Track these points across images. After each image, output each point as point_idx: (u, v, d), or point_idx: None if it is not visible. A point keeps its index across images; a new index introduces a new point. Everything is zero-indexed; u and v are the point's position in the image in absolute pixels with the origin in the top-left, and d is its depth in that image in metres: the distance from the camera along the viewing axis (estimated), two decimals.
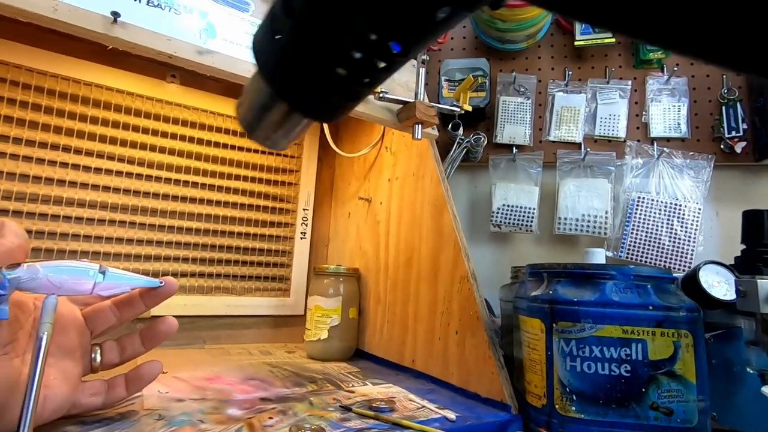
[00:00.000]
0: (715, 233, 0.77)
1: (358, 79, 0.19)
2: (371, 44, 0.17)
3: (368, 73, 0.18)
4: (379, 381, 0.54)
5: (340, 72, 0.18)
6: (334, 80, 0.18)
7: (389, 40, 0.17)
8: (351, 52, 0.17)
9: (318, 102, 0.20)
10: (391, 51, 0.17)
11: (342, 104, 0.20)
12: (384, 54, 0.17)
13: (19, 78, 0.57)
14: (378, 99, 0.55)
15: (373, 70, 0.18)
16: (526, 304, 0.46)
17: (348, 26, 0.17)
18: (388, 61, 0.18)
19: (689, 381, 0.39)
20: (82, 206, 0.61)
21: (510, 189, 0.83)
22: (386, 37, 0.17)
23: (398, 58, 0.18)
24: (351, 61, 0.17)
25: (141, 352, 0.39)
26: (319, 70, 0.18)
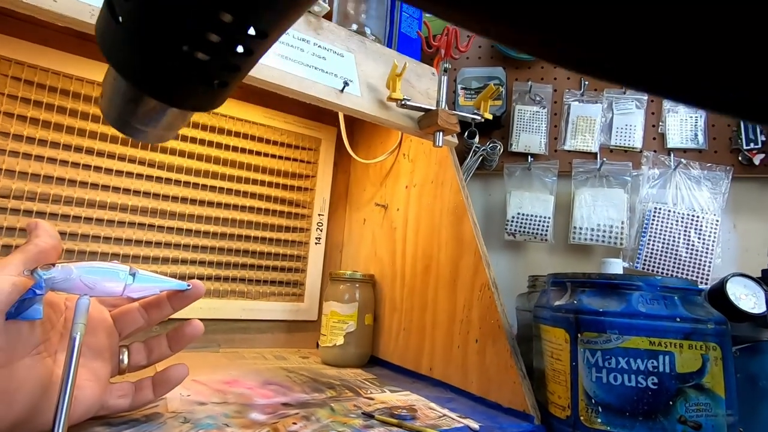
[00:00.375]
0: (733, 245, 0.76)
1: (222, 64, 0.17)
2: (229, 26, 0.16)
3: (229, 58, 0.17)
4: (396, 388, 0.54)
5: (200, 57, 0.17)
6: (195, 66, 0.17)
7: (245, 22, 0.16)
8: (206, 35, 0.16)
9: (182, 90, 0.18)
10: (251, 34, 0.17)
11: (209, 92, 0.19)
12: (243, 36, 0.16)
13: (46, 81, 0.58)
14: (399, 106, 0.55)
15: (234, 55, 0.17)
16: (549, 314, 0.46)
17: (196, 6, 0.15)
18: (249, 44, 0.17)
19: (718, 395, 0.38)
20: (102, 208, 0.62)
21: (525, 197, 0.83)
22: (241, 18, 0.16)
23: (259, 40, 0.17)
24: (208, 45, 0.16)
25: (167, 355, 0.39)
26: (175, 56, 0.17)
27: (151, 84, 0.18)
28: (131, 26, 0.17)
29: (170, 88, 0.18)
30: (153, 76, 0.17)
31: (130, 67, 0.18)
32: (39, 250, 0.31)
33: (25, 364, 0.29)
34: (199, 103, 0.20)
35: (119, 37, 0.17)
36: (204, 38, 0.16)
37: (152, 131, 0.22)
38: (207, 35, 0.16)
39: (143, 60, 0.17)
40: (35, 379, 0.30)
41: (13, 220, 0.55)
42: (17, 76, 0.56)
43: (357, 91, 0.53)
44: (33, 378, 0.30)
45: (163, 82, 0.18)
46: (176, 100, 0.19)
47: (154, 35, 0.16)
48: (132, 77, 0.18)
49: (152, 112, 0.20)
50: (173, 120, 0.21)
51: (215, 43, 0.16)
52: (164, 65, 0.17)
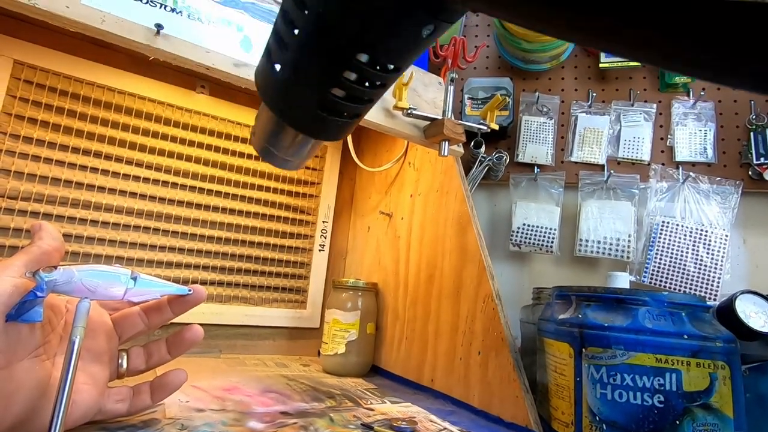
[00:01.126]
0: (743, 261, 0.75)
1: (356, 99, 0.19)
2: (365, 65, 0.18)
3: (365, 92, 0.19)
4: (397, 399, 0.53)
5: (337, 94, 0.19)
6: (333, 102, 0.19)
7: (382, 61, 0.18)
8: (345, 75, 0.18)
9: (321, 123, 0.20)
10: (386, 69, 0.18)
11: (344, 123, 0.21)
12: (379, 73, 0.18)
13: (57, 85, 0.59)
14: (406, 115, 0.55)
15: (369, 89, 0.19)
16: (553, 327, 0.45)
17: (340, 51, 0.17)
18: (383, 79, 0.19)
19: (726, 415, 0.37)
20: (108, 211, 0.62)
21: (531, 208, 0.83)
22: (379, 58, 0.18)
23: (392, 74, 0.19)
24: (346, 82, 0.18)
25: (167, 360, 0.39)
26: (317, 95, 0.19)
27: (298, 119, 0.21)
28: (290, 72, 0.19)
29: (318, 124, 0.20)
30: (306, 115, 0.20)
31: (283, 105, 0.21)
32: (42, 252, 0.31)
33: (23, 367, 0.29)
34: (335, 134, 0.22)
35: (275, 79, 0.20)
36: (351, 80, 0.18)
37: (294, 160, 0.25)
38: (354, 78, 0.18)
39: (295, 98, 0.20)
40: (34, 381, 0.30)
41: (20, 222, 0.56)
42: (29, 80, 0.57)
43: None
44: (31, 380, 0.30)
45: (313, 120, 0.20)
46: (317, 132, 0.21)
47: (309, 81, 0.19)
48: (282, 113, 0.21)
49: (294, 143, 0.23)
50: (311, 149, 0.24)
51: (360, 84, 0.19)
52: (317, 105, 0.19)
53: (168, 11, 0.42)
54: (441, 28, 0.17)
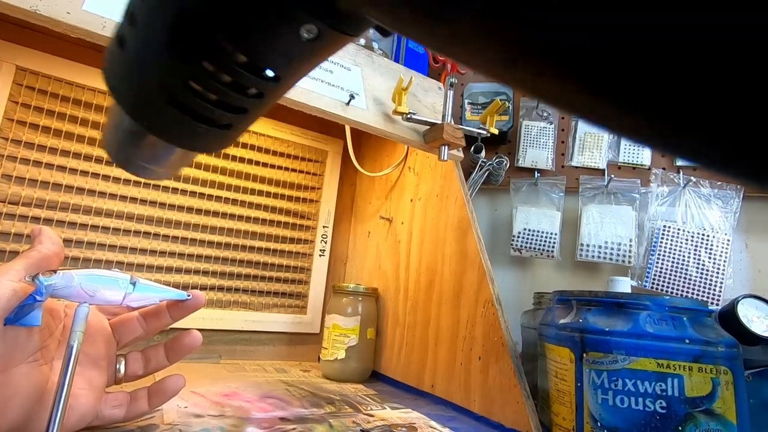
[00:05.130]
0: (745, 265, 0.74)
1: (224, 105, 0.16)
2: (233, 61, 0.15)
3: (235, 98, 0.16)
4: (397, 405, 0.53)
5: (194, 88, 0.15)
6: (188, 98, 0.16)
7: (256, 61, 0.15)
8: (218, 73, 0.15)
9: (175, 124, 0.17)
10: (261, 74, 0.15)
11: (209, 132, 0.17)
12: (251, 76, 0.15)
13: (60, 91, 0.59)
14: (405, 120, 0.55)
15: (241, 94, 0.16)
16: (554, 332, 0.45)
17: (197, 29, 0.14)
18: (259, 86, 0.16)
19: (729, 421, 0.37)
20: (109, 216, 0.62)
21: (531, 213, 0.83)
22: (251, 55, 0.15)
23: (270, 83, 0.16)
24: (218, 83, 0.15)
25: (165, 365, 0.39)
26: (166, 82, 0.15)
27: (152, 118, 0.17)
28: (136, 52, 0.16)
29: (172, 125, 0.17)
30: (154, 110, 0.16)
31: (131, 99, 0.17)
32: (41, 257, 0.31)
33: (21, 371, 0.29)
34: (201, 143, 0.18)
35: (123, 64, 0.16)
36: (215, 76, 0.15)
37: (155, 169, 0.20)
38: (218, 73, 0.15)
39: (145, 92, 0.16)
40: (31, 386, 0.30)
41: (21, 227, 0.56)
42: (31, 86, 0.58)
43: (363, 104, 0.53)
44: (29, 385, 0.29)
45: (165, 118, 0.16)
46: (177, 138, 0.18)
47: (160, 64, 0.15)
48: (131, 109, 0.17)
49: (153, 149, 0.19)
50: (176, 158, 0.20)
51: (226, 83, 0.15)
52: (168, 99, 0.16)
53: None
54: (329, 37, 0.14)
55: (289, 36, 0.14)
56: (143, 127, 0.17)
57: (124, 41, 0.16)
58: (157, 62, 0.15)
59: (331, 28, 0.14)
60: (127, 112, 0.17)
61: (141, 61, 0.15)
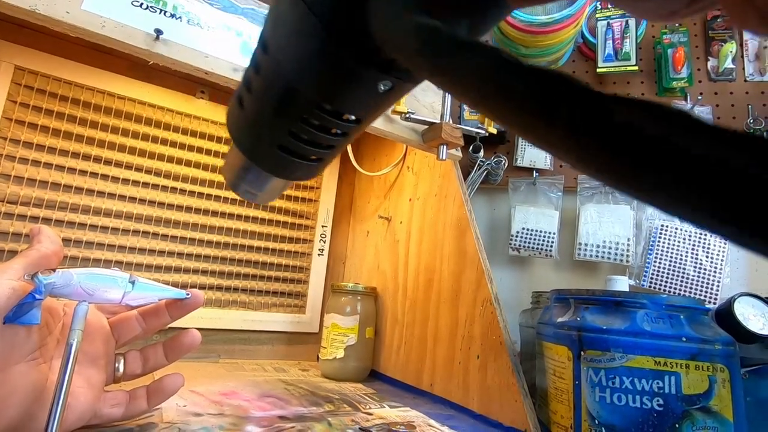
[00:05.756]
0: (742, 264, 0.75)
1: (316, 144, 0.20)
2: (325, 113, 0.18)
3: (324, 138, 0.20)
4: (396, 404, 0.53)
5: (295, 137, 0.20)
6: (292, 144, 0.20)
7: (339, 111, 0.18)
8: (303, 119, 0.19)
9: (283, 163, 0.21)
10: (343, 119, 0.19)
11: (307, 165, 0.22)
12: (336, 121, 0.19)
13: (58, 90, 0.59)
14: (403, 119, 0.55)
15: (328, 135, 0.20)
16: (552, 331, 0.45)
17: (294, 96, 0.18)
18: (342, 128, 0.19)
19: (726, 418, 0.37)
20: (108, 216, 0.62)
21: (530, 213, 0.83)
22: (338, 109, 0.18)
23: (352, 125, 0.19)
24: (302, 127, 0.19)
25: (163, 364, 0.39)
26: (275, 137, 0.20)
27: (262, 158, 0.22)
28: (252, 113, 0.20)
29: (276, 162, 0.21)
30: (264, 153, 0.21)
31: (248, 144, 0.22)
32: (40, 255, 0.31)
33: (20, 370, 0.29)
34: (299, 175, 0.23)
35: (242, 120, 0.21)
36: (310, 124, 0.19)
37: (260, 194, 0.26)
38: (313, 124, 0.19)
39: (258, 140, 0.21)
40: (30, 384, 0.30)
41: (20, 226, 0.56)
42: (30, 85, 0.58)
43: None
44: (27, 384, 0.29)
45: (272, 158, 0.21)
46: (280, 171, 0.22)
47: (270, 124, 0.20)
48: (248, 152, 0.22)
49: (260, 180, 0.24)
50: (277, 186, 0.25)
51: (318, 127, 0.19)
52: (276, 145, 0.20)
53: (168, 17, 0.43)
54: (400, 86, 0.18)
55: (369, 92, 0.18)
56: (257, 165, 0.22)
57: (243, 103, 0.20)
58: (269, 120, 0.20)
59: (402, 81, 0.18)
60: (245, 155, 0.22)
61: (255, 120, 0.20)
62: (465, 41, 0.12)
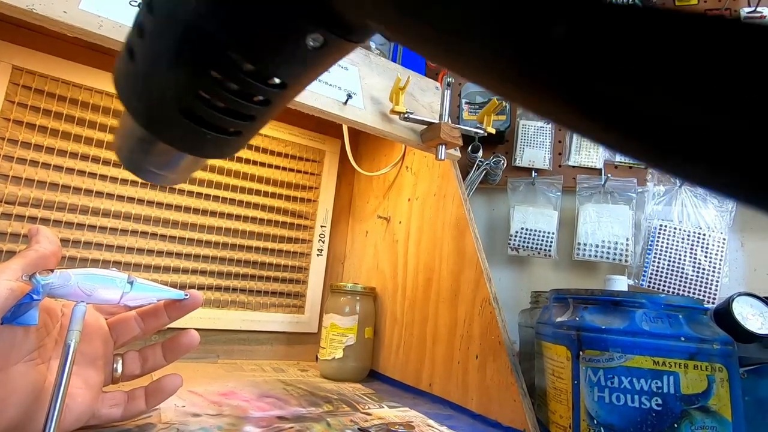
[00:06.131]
0: (741, 264, 0.75)
1: (233, 112, 0.16)
2: (241, 70, 0.15)
3: (243, 105, 0.16)
4: (395, 404, 0.53)
5: (205, 98, 0.16)
6: (200, 108, 0.16)
7: (266, 72, 0.15)
8: (225, 82, 0.15)
9: (187, 133, 0.17)
10: (267, 82, 0.16)
11: (220, 139, 0.18)
12: (258, 84, 0.16)
13: (56, 90, 0.59)
14: (402, 119, 0.55)
15: (248, 102, 0.16)
16: (551, 330, 0.45)
17: (206, 42, 0.14)
18: (266, 93, 0.16)
19: (725, 418, 0.37)
20: (106, 216, 0.62)
21: (529, 213, 0.83)
22: (257, 64, 0.15)
23: (277, 90, 0.16)
24: (227, 92, 0.16)
25: (162, 365, 0.39)
26: (178, 95, 0.16)
27: (162, 128, 0.17)
28: (146, 65, 0.16)
29: (183, 134, 0.17)
30: (165, 120, 0.17)
31: (142, 109, 0.17)
32: (39, 256, 0.31)
33: (18, 370, 0.29)
34: (211, 150, 0.19)
35: (133, 76, 0.17)
36: (223, 85, 0.15)
37: (166, 175, 0.21)
38: (226, 82, 0.15)
39: (156, 102, 0.17)
40: (28, 385, 0.30)
41: (18, 227, 0.56)
42: (28, 85, 0.57)
43: (360, 103, 0.53)
44: (26, 384, 0.29)
45: (175, 128, 0.17)
46: (187, 145, 0.18)
47: (170, 76, 0.16)
48: (143, 119, 0.17)
49: (164, 156, 0.19)
50: (187, 164, 0.20)
51: (233, 91, 0.16)
52: (179, 109, 0.16)
53: None
54: (335, 44, 0.15)
55: (294, 45, 0.14)
56: (154, 136, 0.18)
57: (134, 53, 0.16)
58: (167, 74, 0.15)
59: (336, 36, 0.14)
60: (138, 122, 0.17)
61: (151, 72, 0.16)
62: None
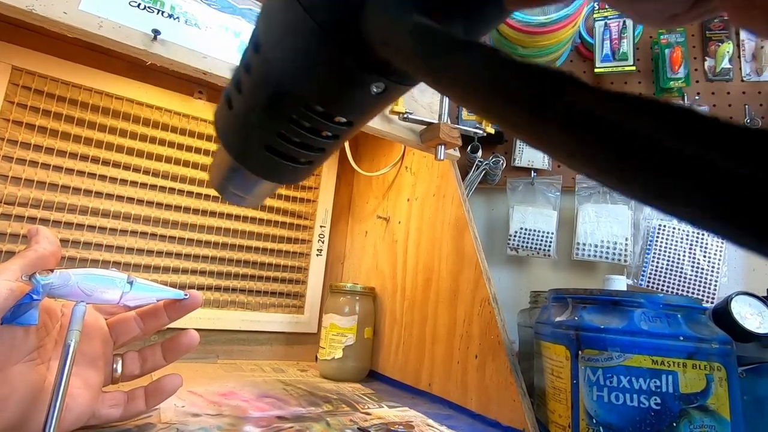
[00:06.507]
0: (739, 264, 0.75)
1: (306, 146, 0.20)
2: (316, 114, 0.18)
3: (314, 140, 0.19)
4: (394, 404, 0.53)
5: (284, 139, 0.19)
6: (280, 146, 0.19)
7: (333, 113, 0.18)
8: (297, 123, 0.18)
9: (271, 165, 0.21)
10: (335, 121, 0.18)
11: (296, 168, 0.21)
12: (327, 123, 0.18)
13: (56, 91, 0.59)
14: (402, 119, 0.55)
15: (319, 138, 0.19)
16: (550, 330, 0.45)
17: (283, 96, 0.18)
18: (334, 130, 0.19)
19: (723, 417, 0.37)
20: (106, 216, 0.62)
21: (528, 212, 0.83)
22: (330, 110, 0.18)
23: (344, 127, 0.19)
24: (291, 128, 0.19)
25: (162, 365, 0.39)
26: (263, 138, 0.19)
27: (249, 159, 0.21)
28: (240, 112, 0.20)
29: (266, 165, 0.21)
30: (251, 152, 0.21)
31: (235, 145, 0.21)
32: (38, 256, 0.31)
33: (18, 370, 0.29)
34: (287, 177, 0.22)
35: (230, 119, 0.21)
36: (303, 128, 0.19)
37: (248, 198, 0.25)
38: (301, 121, 0.18)
39: (247, 142, 0.20)
40: (27, 385, 0.30)
41: (18, 227, 0.56)
42: (27, 86, 0.58)
43: None
44: (25, 384, 0.29)
45: (260, 160, 0.21)
46: (268, 174, 0.22)
47: (260, 125, 0.19)
48: (234, 152, 0.21)
49: (248, 183, 0.23)
50: (265, 189, 0.24)
51: (310, 130, 0.19)
52: (266, 147, 0.20)
53: (165, 17, 0.43)
54: (394, 89, 0.17)
55: (361, 94, 0.17)
56: (245, 168, 0.22)
57: (232, 103, 0.20)
58: (258, 121, 0.19)
59: (395, 83, 0.17)
60: (233, 157, 0.21)
61: (244, 120, 0.20)
62: (460, 41, 0.12)
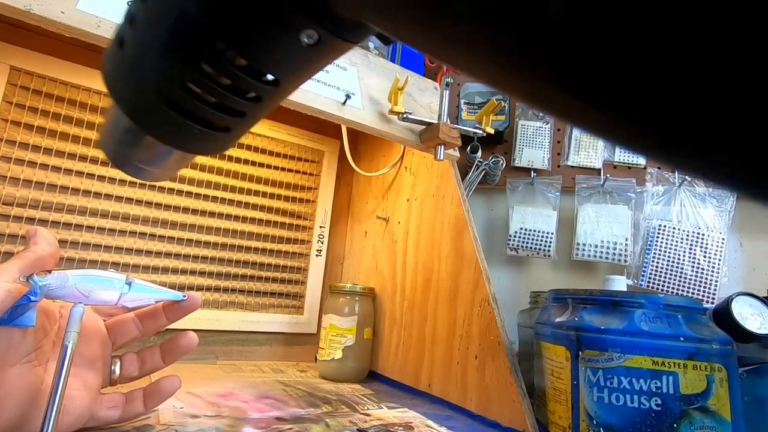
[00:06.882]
0: (739, 264, 0.75)
1: (223, 107, 0.16)
2: (232, 63, 0.15)
3: (233, 101, 0.16)
4: (394, 405, 0.53)
5: (193, 90, 0.15)
6: (186, 100, 0.16)
7: (259, 67, 0.15)
8: (217, 76, 0.15)
9: (172, 126, 0.16)
10: (260, 78, 0.15)
11: (207, 134, 0.17)
12: (249, 81, 0.15)
13: (54, 91, 0.59)
14: (401, 119, 0.55)
15: (239, 98, 0.16)
16: (550, 331, 0.45)
17: (196, 32, 0.14)
18: (258, 89, 0.16)
19: (724, 418, 0.37)
20: (105, 217, 0.62)
21: (528, 213, 0.83)
22: (249, 58, 0.15)
23: (269, 87, 0.16)
24: (218, 86, 0.15)
25: (160, 366, 0.38)
26: (163, 83, 0.15)
27: (148, 118, 0.17)
28: (135, 53, 0.16)
29: (169, 127, 0.17)
30: (151, 111, 0.16)
31: (128, 98, 0.17)
32: (36, 257, 0.31)
33: (15, 372, 0.29)
34: (197, 145, 0.18)
35: (121, 64, 0.16)
36: (213, 79, 0.15)
37: (151, 170, 0.20)
38: (217, 76, 0.15)
39: (143, 93, 0.16)
40: (25, 387, 0.29)
41: (16, 228, 0.55)
42: (26, 86, 0.57)
43: (359, 104, 0.53)
44: (23, 386, 0.29)
45: (162, 120, 0.16)
46: (172, 138, 0.17)
47: (158, 66, 0.15)
48: (128, 108, 0.17)
49: (149, 150, 0.18)
50: (171, 160, 0.19)
51: (224, 86, 0.15)
52: (165, 101, 0.16)
53: None
54: (329, 42, 0.14)
55: (289, 41, 0.14)
56: (140, 128, 0.17)
57: (124, 42, 0.16)
58: (155, 63, 0.15)
59: (331, 34, 0.14)
60: (124, 113, 0.17)
61: (140, 62, 0.15)
62: None
